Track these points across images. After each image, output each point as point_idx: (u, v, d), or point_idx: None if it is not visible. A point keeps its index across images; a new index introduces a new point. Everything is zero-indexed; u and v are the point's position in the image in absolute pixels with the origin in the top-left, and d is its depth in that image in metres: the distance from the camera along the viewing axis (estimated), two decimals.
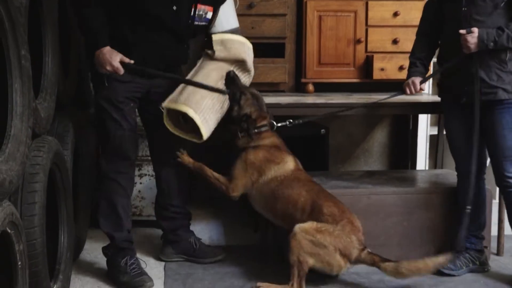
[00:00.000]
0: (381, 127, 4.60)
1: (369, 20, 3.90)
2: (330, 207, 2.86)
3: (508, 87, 2.90)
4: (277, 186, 2.97)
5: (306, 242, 2.76)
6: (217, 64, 3.06)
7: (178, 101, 2.90)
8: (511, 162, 2.94)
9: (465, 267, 3.11)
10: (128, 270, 2.96)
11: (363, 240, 2.84)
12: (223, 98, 3.03)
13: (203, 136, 2.92)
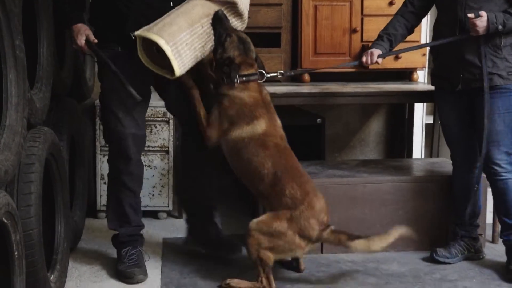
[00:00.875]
0: (377, 117, 4.61)
1: (365, 9, 3.88)
2: (293, 189, 2.72)
3: (503, 73, 2.88)
4: (242, 148, 2.79)
5: (263, 237, 2.68)
6: (204, 1, 2.81)
7: (151, 30, 2.68)
8: (498, 148, 2.92)
9: (460, 255, 3.11)
10: (125, 260, 2.96)
11: (325, 220, 2.74)
12: (206, 37, 2.80)
13: (175, 71, 2.67)
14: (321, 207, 2.75)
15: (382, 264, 3.12)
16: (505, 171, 2.94)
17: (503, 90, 2.90)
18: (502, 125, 2.91)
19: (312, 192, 2.77)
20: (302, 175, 2.83)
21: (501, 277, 2.96)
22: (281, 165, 2.78)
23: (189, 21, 2.75)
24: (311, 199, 2.74)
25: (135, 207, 3.06)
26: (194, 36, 2.76)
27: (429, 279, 2.95)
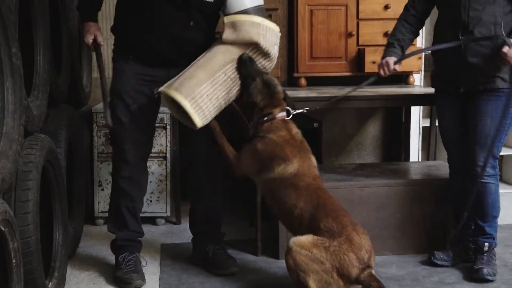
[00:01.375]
0: (374, 120, 4.61)
1: (360, 13, 3.89)
2: (327, 223, 2.54)
3: (506, 76, 2.87)
4: (274, 189, 2.73)
5: (302, 258, 2.47)
6: (226, 47, 2.78)
7: (171, 86, 2.72)
8: (484, 151, 2.92)
9: (458, 258, 3.12)
10: (123, 266, 2.96)
11: (365, 259, 2.47)
12: (231, 83, 2.77)
13: (196, 124, 2.69)
14: (362, 244, 2.50)
15: (381, 268, 3.11)
16: (487, 174, 2.94)
17: (501, 93, 2.89)
18: (491, 127, 2.90)
19: (350, 226, 2.55)
20: (339, 210, 2.65)
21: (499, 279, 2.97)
22: (313, 203, 2.64)
23: (210, 72, 2.74)
24: (350, 233, 2.51)
25: (133, 212, 3.06)
26: (216, 85, 2.74)
27: (428, 282, 2.95)
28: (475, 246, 3.06)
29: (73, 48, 3.42)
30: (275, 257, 3.25)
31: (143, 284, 2.92)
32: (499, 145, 2.95)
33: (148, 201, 3.79)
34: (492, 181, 2.98)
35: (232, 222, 3.81)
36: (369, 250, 2.51)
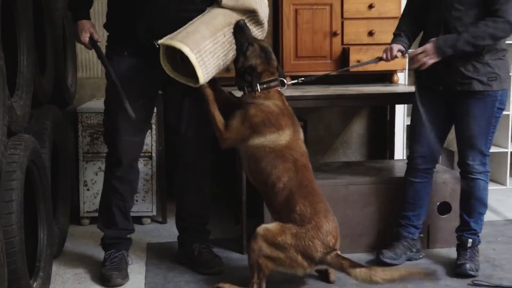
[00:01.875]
0: (359, 119, 4.64)
1: (345, 12, 3.91)
2: (303, 206, 2.67)
3: (484, 78, 2.89)
4: (262, 157, 2.74)
5: (267, 245, 2.63)
6: (226, 11, 2.81)
7: (175, 38, 2.68)
8: (472, 150, 2.98)
9: (404, 255, 3.14)
10: (107, 263, 2.97)
11: (331, 244, 2.65)
12: (228, 46, 2.79)
13: (199, 79, 2.69)
14: (329, 230, 2.66)
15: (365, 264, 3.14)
16: (477, 171, 3.00)
17: (481, 95, 2.92)
18: (476, 129, 2.95)
19: (322, 213, 2.69)
20: (316, 195, 2.75)
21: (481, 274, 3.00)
22: (296, 181, 2.72)
23: (212, 30, 2.75)
24: (320, 220, 2.66)
25: (124, 211, 3.07)
26: (217, 45, 2.75)
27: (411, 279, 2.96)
28: (459, 241, 3.10)
29: (57, 48, 3.41)
30: None
31: (123, 283, 2.92)
32: (487, 143, 2.99)
33: (134, 201, 3.78)
34: (482, 178, 3.02)
35: (218, 221, 3.82)
36: (335, 236, 2.68)
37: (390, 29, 3.88)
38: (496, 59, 2.92)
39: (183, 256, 3.17)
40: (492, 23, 2.79)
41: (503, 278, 2.98)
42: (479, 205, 3.05)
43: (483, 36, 2.79)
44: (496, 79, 2.91)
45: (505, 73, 2.96)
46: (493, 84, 2.91)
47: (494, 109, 2.95)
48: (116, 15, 2.93)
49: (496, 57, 2.92)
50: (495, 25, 2.79)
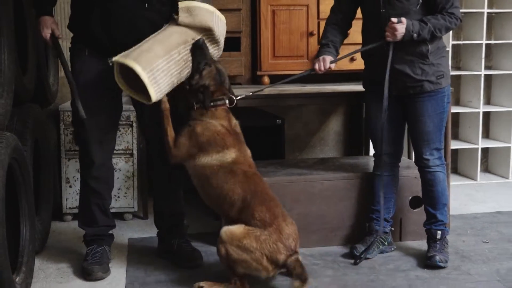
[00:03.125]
0: (336, 117, 4.70)
1: (321, 13, 3.96)
2: (261, 212, 2.68)
3: (433, 78, 3.00)
4: (211, 174, 2.78)
5: (234, 249, 2.63)
6: (182, 28, 2.83)
7: (128, 57, 2.69)
8: (429, 146, 3.07)
9: (377, 249, 3.19)
10: (89, 258, 2.99)
11: (292, 246, 2.65)
12: (183, 64, 2.81)
13: (151, 97, 2.69)
14: (290, 233, 2.68)
15: (340, 257, 3.20)
16: (434, 164, 3.09)
17: (433, 93, 3.03)
18: (431, 125, 3.05)
19: (281, 217, 2.71)
20: (272, 200, 2.77)
21: (451, 266, 3.06)
22: (250, 190, 2.74)
23: (167, 48, 2.76)
24: (280, 223, 2.67)
25: (102, 208, 3.09)
26: (171, 63, 2.76)
27: (384, 270, 3.03)
28: (428, 234, 3.16)
29: (39, 47, 3.41)
30: None
31: (104, 276, 2.94)
32: (441, 137, 3.10)
33: (116, 197, 3.81)
34: (440, 170, 3.11)
35: (198, 217, 3.86)
36: (296, 239, 2.70)
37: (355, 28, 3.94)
38: (440, 57, 3.04)
39: (163, 251, 3.20)
40: (449, 18, 2.94)
41: (471, 269, 3.05)
42: (441, 196, 3.12)
43: (440, 28, 2.93)
44: (443, 76, 3.04)
45: (448, 69, 3.10)
46: (442, 81, 3.04)
47: (444, 104, 3.07)
48: (77, 16, 2.92)
49: (439, 55, 3.04)
50: (450, 19, 2.94)
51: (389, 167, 3.23)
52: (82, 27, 2.88)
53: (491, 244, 3.40)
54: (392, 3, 2.95)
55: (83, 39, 2.91)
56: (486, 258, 3.19)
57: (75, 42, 2.95)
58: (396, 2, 2.95)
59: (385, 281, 2.90)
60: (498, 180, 4.85)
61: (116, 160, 3.80)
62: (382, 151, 3.16)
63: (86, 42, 2.90)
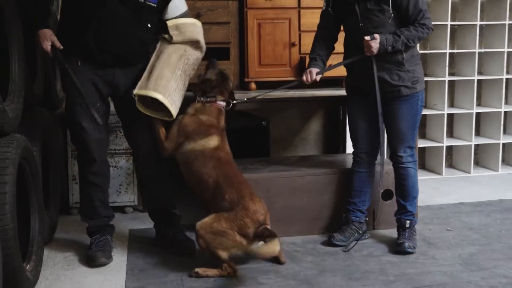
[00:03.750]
0: (316, 119, 4.71)
1: (302, 26, 3.98)
2: (231, 194, 2.78)
3: (409, 83, 3.03)
4: (193, 159, 2.90)
5: (209, 236, 2.69)
6: (174, 46, 2.94)
7: (148, 88, 2.82)
8: (403, 144, 3.10)
9: (352, 237, 3.20)
10: (93, 246, 2.99)
11: (260, 219, 2.74)
12: (185, 76, 2.96)
13: (172, 115, 2.88)
14: (256, 209, 2.75)
15: (320, 245, 3.21)
16: (407, 161, 3.12)
17: (408, 97, 3.05)
18: (406, 126, 3.08)
19: (248, 196, 2.79)
20: (241, 182, 2.86)
21: (418, 251, 3.08)
22: (222, 174, 2.85)
23: (172, 69, 2.90)
24: (246, 202, 2.75)
25: (104, 201, 3.09)
26: (178, 81, 2.92)
27: (358, 255, 3.05)
28: (398, 223, 3.18)
29: (47, 57, 3.38)
30: None
31: (107, 262, 2.93)
32: (413, 137, 3.13)
33: (118, 192, 3.80)
34: (411, 166, 3.13)
35: (191, 209, 3.82)
36: (264, 213, 2.78)
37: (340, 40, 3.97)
38: (414, 64, 3.06)
39: (160, 240, 3.20)
40: (421, 29, 2.96)
41: (436, 254, 3.07)
42: (412, 190, 3.15)
43: (413, 38, 2.95)
44: (418, 81, 3.06)
45: (422, 75, 3.11)
46: (417, 86, 3.06)
47: (418, 107, 3.09)
48: (68, 28, 2.86)
49: (414, 63, 3.05)
50: (422, 30, 2.96)
51: (366, 164, 3.24)
52: (76, 39, 2.83)
53: (454, 231, 3.43)
54: (369, 17, 2.97)
55: (75, 50, 2.85)
56: (449, 244, 3.22)
57: (67, 53, 2.85)
58: (373, 17, 2.97)
59: (360, 265, 2.92)
60: (461, 174, 4.89)
61: (118, 159, 3.79)
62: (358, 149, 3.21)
63: (79, 53, 2.85)
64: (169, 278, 2.78)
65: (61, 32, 2.89)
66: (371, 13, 2.96)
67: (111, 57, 2.85)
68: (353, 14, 3.01)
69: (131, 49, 2.89)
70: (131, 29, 2.86)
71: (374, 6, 2.95)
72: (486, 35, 5.00)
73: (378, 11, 2.95)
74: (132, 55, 2.91)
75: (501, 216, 3.71)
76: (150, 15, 2.92)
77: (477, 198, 4.12)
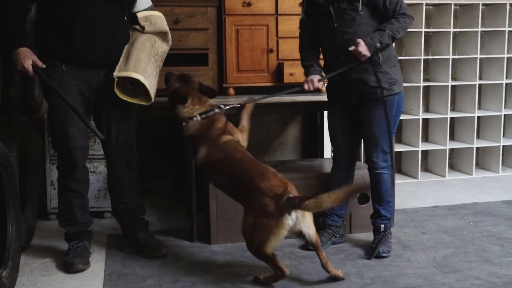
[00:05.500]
0: (294, 123, 4.73)
1: (279, 32, 3.99)
2: (241, 184, 2.66)
3: (386, 85, 3.00)
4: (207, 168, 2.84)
5: (247, 237, 2.60)
6: (146, 35, 2.99)
7: (128, 70, 2.80)
8: (376, 149, 3.08)
9: (329, 241, 3.21)
10: (70, 252, 2.96)
11: (279, 192, 2.56)
12: (156, 66, 2.99)
13: (152, 98, 2.88)
14: (271, 184, 2.58)
15: (296, 248, 3.22)
16: (380, 166, 3.11)
17: (384, 100, 3.00)
18: (378, 131, 3.05)
19: (257, 177, 2.62)
20: (249, 169, 2.69)
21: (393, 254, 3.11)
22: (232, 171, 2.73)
23: (147, 55, 2.93)
24: (257, 183, 2.59)
25: (83, 207, 3.06)
26: (153, 67, 2.95)
27: (335, 259, 3.07)
28: (373, 227, 3.20)
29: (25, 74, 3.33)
30: (207, 242, 3.30)
31: (85, 268, 2.91)
32: (387, 141, 3.08)
33: (96, 198, 3.78)
34: (385, 172, 3.13)
35: (172, 214, 3.85)
36: (281, 185, 2.59)
37: None
38: (392, 66, 3.04)
39: (128, 246, 3.18)
40: (402, 19, 2.94)
41: (411, 256, 3.11)
42: (386, 195, 3.14)
43: (398, 30, 2.92)
44: (395, 83, 3.03)
45: (400, 77, 3.09)
46: (394, 87, 3.03)
47: (393, 112, 3.06)
48: (49, 31, 2.80)
49: (391, 64, 3.03)
50: (404, 20, 2.94)
51: (344, 169, 3.25)
52: (60, 42, 2.79)
53: (429, 234, 3.47)
54: (343, 17, 2.96)
55: (60, 55, 2.81)
56: (424, 247, 3.26)
57: (49, 60, 2.81)
58: (346, 16, 2.95)
59: (336, 268, 2.94)
60: (436, 178, 4.96)
61: (96, 164, 3.77)
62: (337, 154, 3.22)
63: (63, 58, 2.82)
64: (147, 283, 2.77)
65: (41, 38, 2.84)
66: (344, 13, 2.94)
67: (99, 56, 2.84)
68: (327, 16, 3.00)
69: (118, 44, 2.90)
70: (114, 23, 2.88)
71: (347, 5, 2.93)
72: (459, 42, 5.09)
73: (351, 10, 2.93)
74: (119, 50, 2.89)
75: (474, 219, 3.77)
76: (126, 8, 2.96)
77: (451, 202, 4.19)
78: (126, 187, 3.12)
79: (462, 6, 5.01)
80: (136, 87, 2.85)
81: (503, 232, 3.50)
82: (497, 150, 5.09)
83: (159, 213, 3.90)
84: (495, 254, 3.13)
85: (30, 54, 2.76)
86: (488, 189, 4.56)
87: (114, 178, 3.13)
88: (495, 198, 4.26)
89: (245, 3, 3.90)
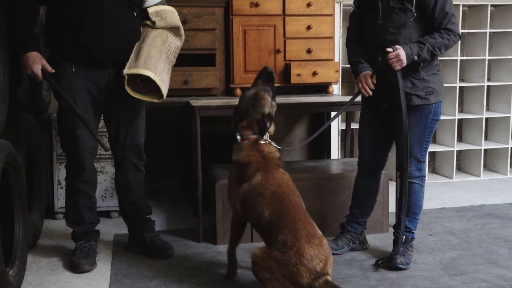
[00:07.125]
0: (301, 124, 4.73)
1: (287, 33, 3.99)
2: (284, 234, 2.40)
3: (422, 93, 2.86)
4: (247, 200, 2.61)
5: (257, 269, 2.41)
6: (157, 31, 2.94)
7: (138, 66, 2.77)
8: (409, 157, 2.91)
9: (347, 246, 3.13)
10: (77, 252, 2.97)
11: (318, 268, 2.33)
12: (169, 62, 2.94)
13: (163, 95, 2.84)
14: (314, 254, 2.35)
15: None
16: (412, 175, 2.95)
17: (418, 109, 2.88)
18: (413, 138, 2.90)
19: (304, 237, 2.38)
20: (297, 221, 2.45)
21: None
22: (275, 213, 2.49)
23: (158, 51, 2.89)
24: (302, 246, 2.35)
25: (90, 207, 3.07)
26: (165, 63, 2.90)
27: (341, 260, 3.06)
28: (395, 237, 3.04)
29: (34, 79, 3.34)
30: (214, 243, 3.30)
31: (91, 269, 2.91)
32: (423, 151, 2.96)
33: (103, 197, 3.79)
34: (417, 181, 2.98)
35: (179, 214, 3.85)
36: (324, 259, 2.37)
37: (325, 47, 4.02)
38: (431, 74, 2.89)
39: (134, 246, 3.18)
40: (447, 36, 2.79)
41: (418, 258, 3.09)
42: (414, 206, 3.00)
43: (439, 46, 2.78)
44: (432, 93, 2.88)
45: (439, 86, 2.93)
46: (430, 97, 2.87)
47: (428, 120, 2.91)
48: (59, 32, 2.79)
49: (431, 72, 2.89)
50: (448, 37, 2.79)
51: (367, 177, 3.11)
52: (70, 44, 2.79)
53: (436, 236, 3.46)
54: (390, 16, 2.83)
55: (69, 56, 2.81)
56: (431, 249, 3.24)
57: (58, 61, 2.82)
58: (394, 15, 2.82)
59: (342, 269, 2.93)
60: (443, 180, 4.93)
61: (104, 164, 3.78)
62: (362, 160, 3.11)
63: (73, 58, 2.82)
64: (153, 283, 2.78)
65: (51, 38, 2.85)
66: (393, 11, 2.81)
67: (109, 55, 2.82)
68: (375, 11, 2.87)
69: (127, 42, 2.87)
70: (123, 21, 2.85)
71: (396, 4, 2.80)
72: (468, 43, 5.06)
73: (399, 10, 2.80)
74: (129, 49, 2.86)
75: (482, 221, 3.75)
76: (137, 3, 2.92)
77: (459, 204, 4.16)
78: (133, 187, 3.12)
79: (471, 7, 4.99)
80: (147, 84, 2.83)
81: (510, 234, 3.47)
82: (505, 152, 5.06)
83: (166, 213, 3.90)
84: (502, 256, 3.11)
85: (39, 59, 2.76)
86: (496, 191, 4.54)
87: (121, 178, 3.13)
88: (503, 200, 4.23)
89: (252, 4, 3.90)
